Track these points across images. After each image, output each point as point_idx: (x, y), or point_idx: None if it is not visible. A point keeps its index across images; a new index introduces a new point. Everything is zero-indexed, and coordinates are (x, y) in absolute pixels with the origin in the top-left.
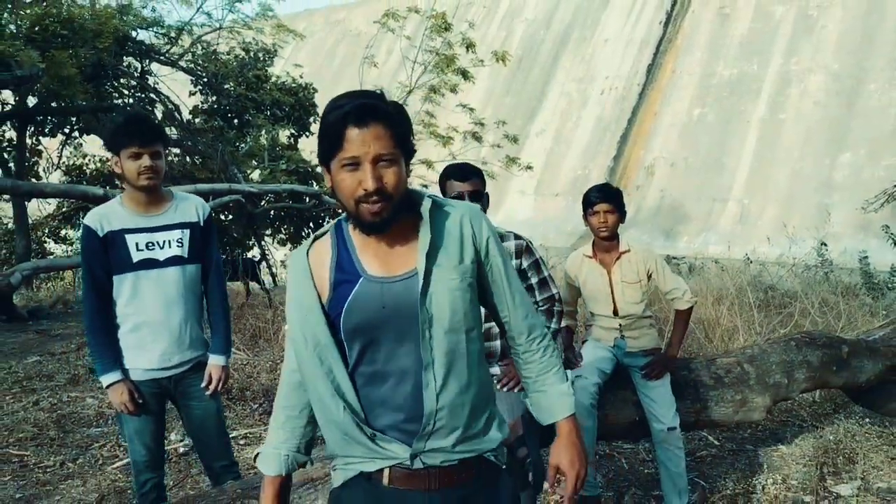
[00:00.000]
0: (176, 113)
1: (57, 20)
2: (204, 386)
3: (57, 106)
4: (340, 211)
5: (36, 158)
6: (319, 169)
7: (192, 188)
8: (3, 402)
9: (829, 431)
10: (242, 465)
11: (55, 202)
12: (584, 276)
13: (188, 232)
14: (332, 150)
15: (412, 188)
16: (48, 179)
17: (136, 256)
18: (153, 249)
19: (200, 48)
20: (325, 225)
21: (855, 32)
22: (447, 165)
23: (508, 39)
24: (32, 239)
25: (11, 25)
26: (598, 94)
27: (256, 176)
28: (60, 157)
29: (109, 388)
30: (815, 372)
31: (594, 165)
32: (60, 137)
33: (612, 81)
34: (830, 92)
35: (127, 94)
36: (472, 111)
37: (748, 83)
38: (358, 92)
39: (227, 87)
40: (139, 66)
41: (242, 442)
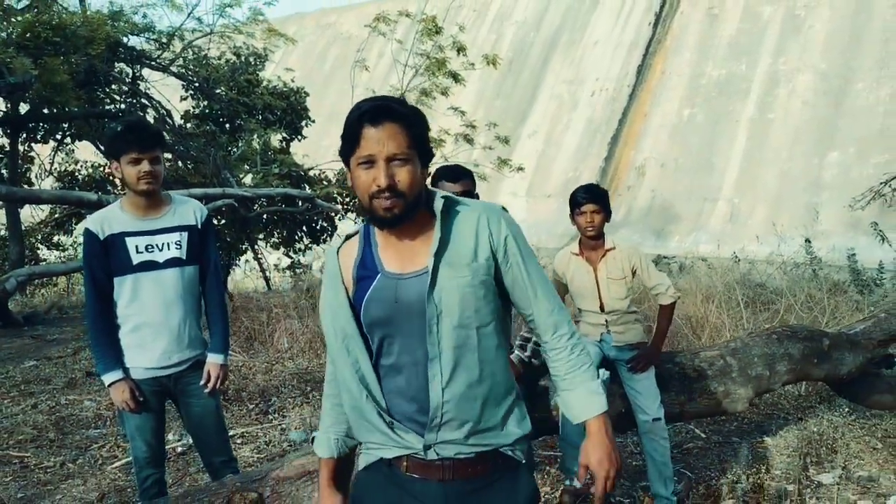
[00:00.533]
0: (167, 118)
1: (49, 27)
2: (202, 384)
3: (49, 112)
4: (334, 214)
5: (28, 165)
6: (312, 172)
7: (185, 193)
8: (1, 405)
9: (812, 423)
10: (242, 462)
11: (48, 208)
12: (571, 273)
13: (186, 234)
14: (350, 148)
15: (432, 188)
16: (40, 185)
17: (135, 259)
18: (152, 252)
19: (192, 53)
20: (317, 228)
21: (842, 32)
22: (438, 167)
23: (499, 42)
24: (26, 245)
25: (3, 33)
26: (588, 95)
27: (249, 180)
28: (53, 163)
29: (111, 386)
30: (796, 364)
31: (585, 167)
32: (53, 143)
33: (602, 83)
34: (818, 91)
35: (119, 99)
36: (463, 114)
37: (737, 83)
38: (379, 96)
39: (218, 91)
40: (131, 71)
41: (239, 441)
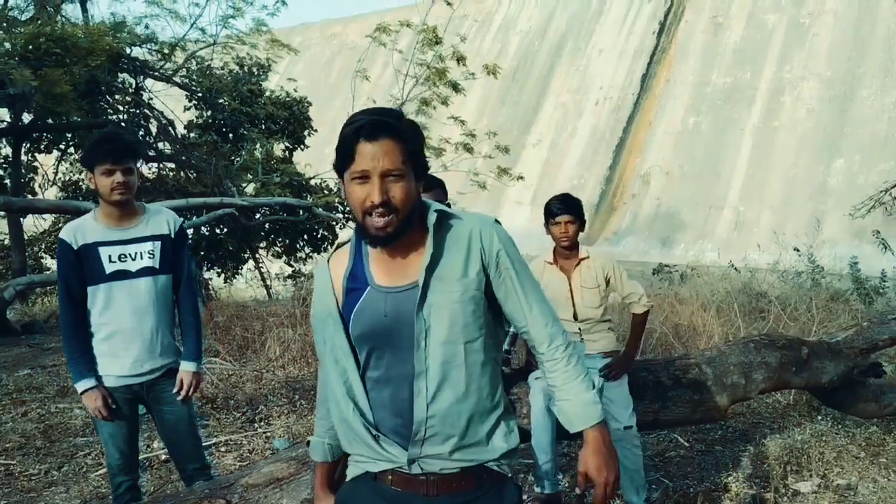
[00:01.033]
0: (170, 128)
1: (50, 38)
2: (175, 391)
3: (51, 123)
4: (334, 223)
5: (32, 175)
6: (314, 182)
7: (183, 202)
8: None
9: (797, 432)
10: (223, 470)
11: (51, 218)
12: (545, 281)
13: (159, 244)
14: (345, 162)
15: (425, 200)
16: (44, 195)
17: (108, 268)
18: (125, 261)
19: (195, 63)
20: (318, 237)
21: (847, 40)
22: None
23: (503, 51)
24: (28, 254)
25: (7, 44)
26: (592, 104)
27: (251, 189)
28: (56, 172)
29: (84, 394)
30: (773, 373)
31: (590, 175)
32: (56, 153)
33: (606, 91)
34: (823, 99)
35: (122, 110)
36: (463, 123)
37: (742, 91)
38: (375, 109)
39: (221, 101)
40: (134, 82)
41: (224, 449)
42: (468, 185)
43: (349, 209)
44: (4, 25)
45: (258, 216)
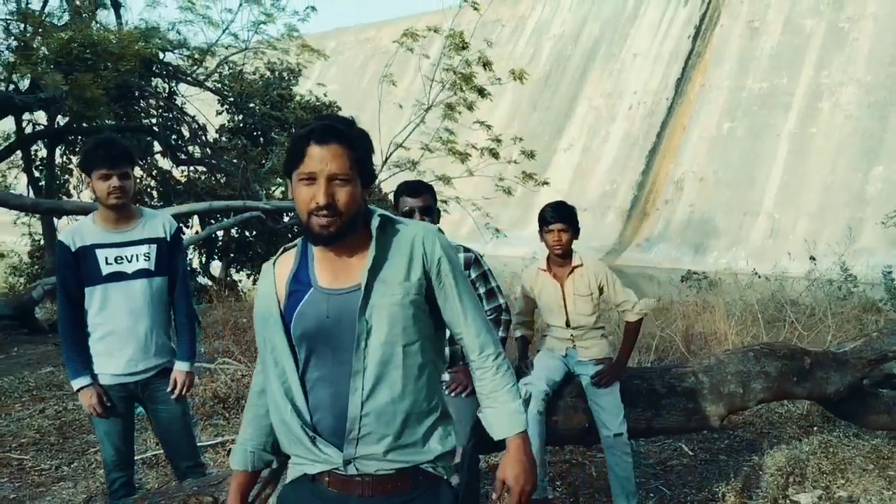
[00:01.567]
0: (201, 132)
1: (82, 44)
2: (169, 391)
3: (84, 126)
4: None
5: (67, 176)
6: None
7: (206, 205)
8: (11, 409)
9: (805, 443)
10: (226, 468)
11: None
12: (538, 288)
13: (155, 247)
14: (293, 163)
15: (371, 207)
16: (79, 197)
17: (105, 270)
18: (122, 263)
19: (226, 68)
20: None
21: (887, 44)
22: (401, 182)
23: (536, 56)
24: None
25: (43, 48)
26: (626, 108)
27: (279, 193)
28: None
29: (79, 391)
30: (772, 382)
31: (622, 181)
32: None
33: (640, 96)
34: (862, 104)
35: (155, 114)
36: (489, 128)
37: (778, 96)
38: (328, 115)
39: (251, 106)
40: (167, 86)
41: (230, 448)
42: (494, 190)
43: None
44: (41, 31)
45: (286, 219)
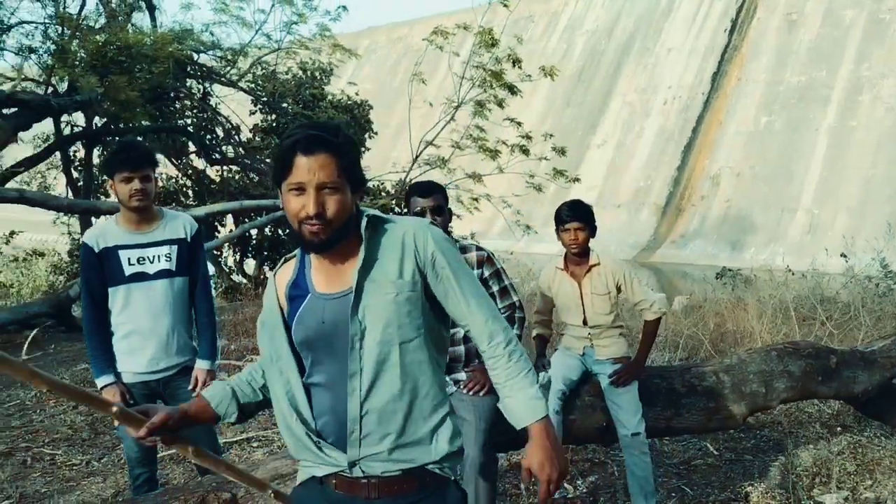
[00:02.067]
0: (235, 132)
1: (116, 47)
2: (191, 388)
3: (123, 127)
4: None
5: (104, 177)
6: (371, 184)
7: (237, 205)
8: (46, 405)
9: (833, 443)
10: (250, 465)
11: None
12: (556, 287)
13: (176, 248)
14: (282, 174)
15: (362, 208)
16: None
17: (128, 270)
18: (144, 264)
19: (260, 69)
20: None
21: None
22: (412, 183)
23: (569, 51)
24: None
25: (82, 52)
26: (661, 103)
27: None
28: None
29: (103, 389)
30: (796, 382)
31: (657, 176)
32: None
33: (675, 91)
34: None
35: (189, 115)
36: (519, 125)
37: (817, 90)
38: (313, 123)
39: (284, 105)
40: (201, 87)
41: (255, 444)
42: (525, 187)
43: (406, 211)
44: (78, 34)
45: None
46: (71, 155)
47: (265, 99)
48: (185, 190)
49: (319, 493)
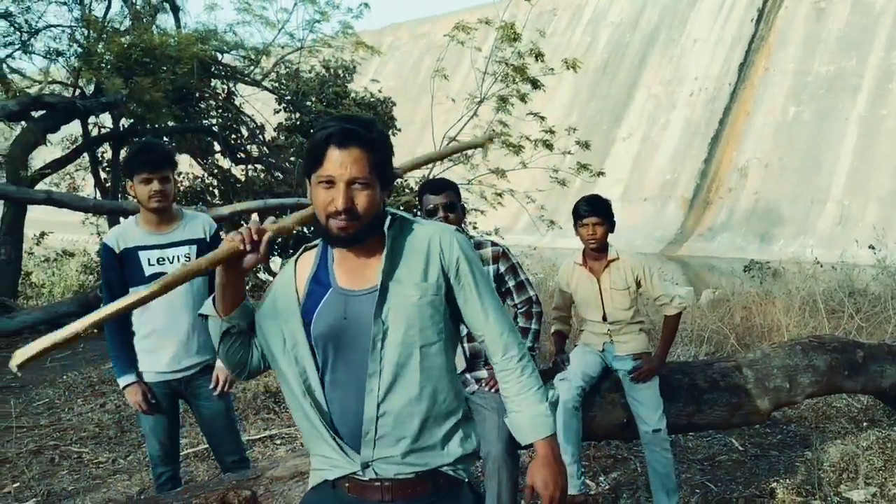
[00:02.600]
0: (258, 132)
1: (140, 49)
2: (212, 388)
3: (150, 128)
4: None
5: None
6: (396, 181)
7: (261, 203)
8: (73, 404)
9: (862, 438)
10: (272, 462)
11: None
12: (574, 283)
13: (195, 248)
14: (313, 166)
15: (388, 208)
16: None
17: (148, 271)
18: (164, 264)
19: (283, 68)
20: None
21: None
22: (424, 181)
23: (593, 44)
24: None
25: (107, 54)
26: (687, 95)
27: None
28: None
29: (125, 389)
30: (821, 376)
31: (683, 169)
32: None
33: (701, 82)
34: None
35: (214, 115)
36: (542, 119)
37: (846, 79)
38: (347, 117)
39: (308, 104)
40: (225, 87)
41: (279, 441)
42: (549, 182)
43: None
44: (104, 37)
45: None
46: (98, 156)
47: (289, 98)
48: (211, 189)
49: (332, 497)
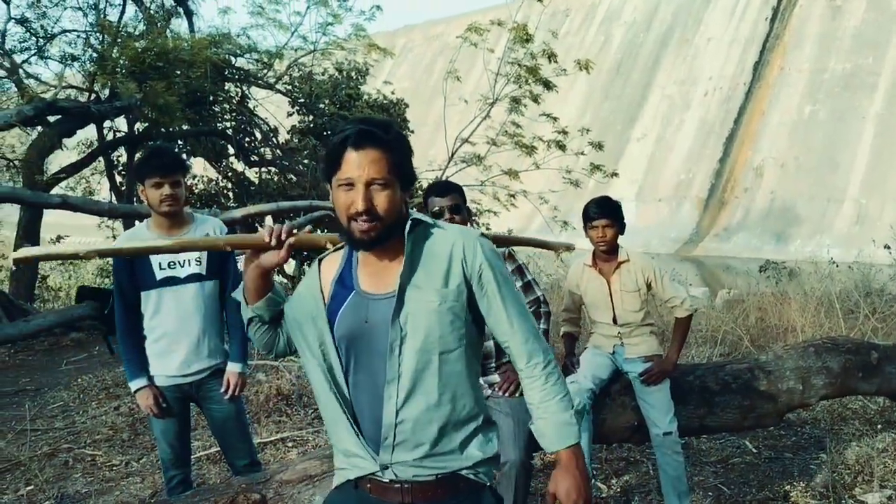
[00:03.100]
0: (272, 135)
1: (153, 53)
2: (223, 391)
3: (164, 131)
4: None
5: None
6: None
7: (273, 206)
8: (88, 406)
9: (877, 440)
10: (283, 464)
11: None
12: (584, 284)
13: (206, 252)
14: (332, 169)
15: (411, 212)
16: None
17: (159, 274)
18: (174, 268)
19: (296, 70)
20: None
21: None
22: (430, 184)
23: (607, 44)
24: None
25: (122, 59)
26: (701, 95)
27: None
28: None
29: (137, 392)
30: (835, 378)
31: (698, 169)
32: None
33: (716, 82)
34: None
35: (228, 118)
36: (555, 120)
37: (863, 77)
38: (364, 119)
39: (321, 106)
40: (238, 91)
41: (290, 444)
42: (562, 183)
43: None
44: (118, 41)
45: None
46: (114, 160)
47: (302, 100)
48: (225, 192)
49: (355, 497)
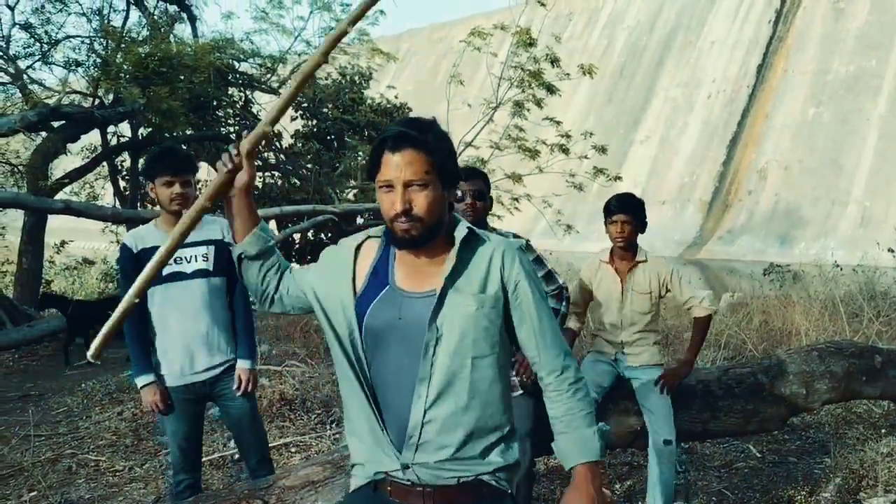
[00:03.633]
0: (276, 139)
1: (156, 59)
2: (235, 388)
3: (168, 136)
4: None
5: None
6: None
7: (277, 210)
8: (91, 412)
9: (882, 444)
10: (286, 469)
11: None
12: (598, 280)
13: (213, 248)
14: (373, 171)
15: (456, 216)
16: None
17: (165, 270)
18: (181, 264)
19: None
20: None
21: None
22: None
23: (610, 47)
24: None
25: (125, 64)
26: (704, 98)
27: (351, 196)
28: None
29: (142, 389)
30: (839, 382)
31: (702, 172)
32: None
33: (719, 84)
34: None
35: (231, 122)
36: (558, 124)
37: (866, 79)
38: (405, 120)
39: (324, 111)
40: (242, 95)
41: (294, 449)
42: (566, 186)
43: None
44: (123, 47)
45: (360, 220)
46: (117, 165)
47: (305, 105)
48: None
49: (373, 500)
